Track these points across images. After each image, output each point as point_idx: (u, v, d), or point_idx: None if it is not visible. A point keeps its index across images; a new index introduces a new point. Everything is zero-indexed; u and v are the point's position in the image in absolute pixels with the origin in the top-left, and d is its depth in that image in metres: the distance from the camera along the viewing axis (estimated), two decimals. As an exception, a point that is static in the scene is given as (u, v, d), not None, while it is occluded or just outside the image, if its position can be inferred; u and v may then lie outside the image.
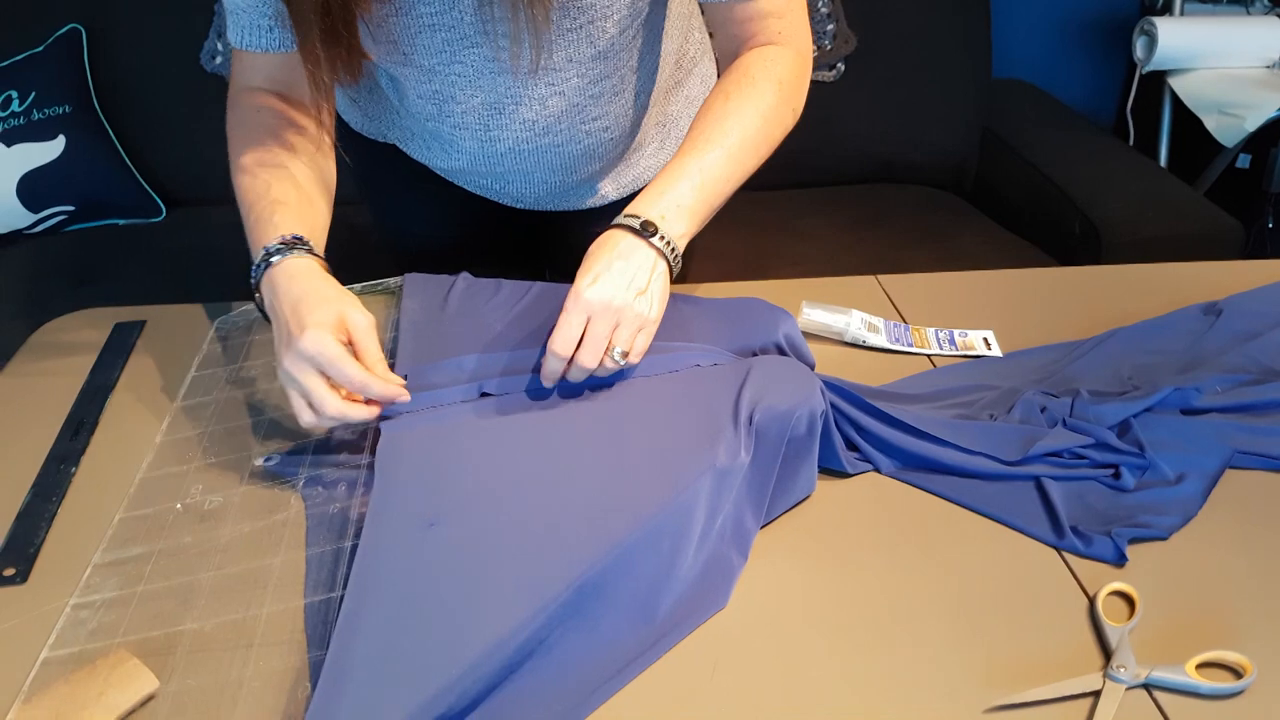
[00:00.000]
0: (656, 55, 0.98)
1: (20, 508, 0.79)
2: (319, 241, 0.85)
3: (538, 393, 0.82)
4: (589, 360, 0.78)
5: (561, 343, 0.77)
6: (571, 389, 0.82)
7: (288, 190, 0.86)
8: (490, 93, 0.91)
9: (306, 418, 0.76)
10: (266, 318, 0.82)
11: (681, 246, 0.83)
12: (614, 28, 0.88)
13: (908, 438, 0.83)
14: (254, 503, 0.79)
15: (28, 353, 1.00)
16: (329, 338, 0.75)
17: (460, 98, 0.92)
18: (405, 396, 0.78)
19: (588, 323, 0.78)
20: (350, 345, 0.77)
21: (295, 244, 0.81)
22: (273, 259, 0.80)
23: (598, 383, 0.83)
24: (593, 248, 0.81)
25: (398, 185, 1.09)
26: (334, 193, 0.93)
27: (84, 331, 1.02)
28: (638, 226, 0.81)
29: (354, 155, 0.90)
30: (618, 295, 0.78)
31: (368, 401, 0.78)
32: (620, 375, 0.83)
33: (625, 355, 0.79)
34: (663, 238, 0.81)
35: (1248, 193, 2.10)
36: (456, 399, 0.82)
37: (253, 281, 0.82)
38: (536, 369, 0.82)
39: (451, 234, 1.11)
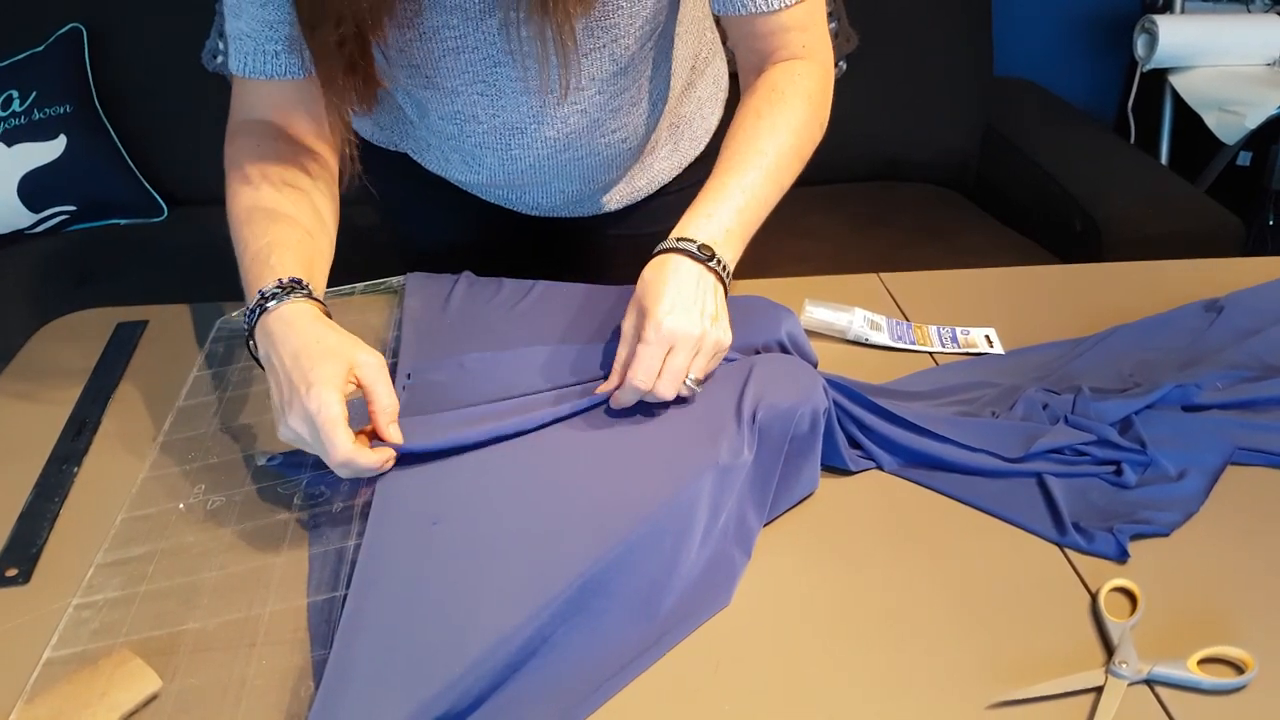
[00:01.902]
0: (673, 63, 0.98)
1: (22, 508, 0.79)
2: (318, 283, 0.81)
3: (540, 391, 0.82)
4: (668, 392, 0.76)
5: (644, 375, 0.75)
6: (575, 388, 0.82)
7: (285, 230, 0.82)
8: (513, 113, 0.91)
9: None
10: (261, 365, 0.78)
11: (732, 270, 0.82)
12: (635, 44, 0.88)
13: (910, 435, 0.83)
14: (257, 502, 0.79)
15: (30, 353, 1.00)
16: (334, 398, 0.70)
17: (483, 117, 0.91)
18: (389, 464, 0.74)
19: (667, 351, 0.76)
20: (360, 389, 0.74)
21: (293, 287, 0.77)
22: (269, 304, 0.76)
23: (603, 380, 0.83)
24: (653, 274, 0.79)
25: (411, 193, 1.09)
26: (336, 231, 0.89)
27: (86, 332, 1.02)
28: (695, 250, 0.79)
29: (365, 164, 0.90)
30: (696, 324, 0.76)
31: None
32: None
33: (697, 384, 0.78)
34: (719, 262, 0.80)
35: (1248, 190, 2.10)
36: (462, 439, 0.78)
37: (245, 327, 0.78)
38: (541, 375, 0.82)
39: (465, 239, 1.11)
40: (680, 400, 0.79)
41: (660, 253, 0.81)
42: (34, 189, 1.78)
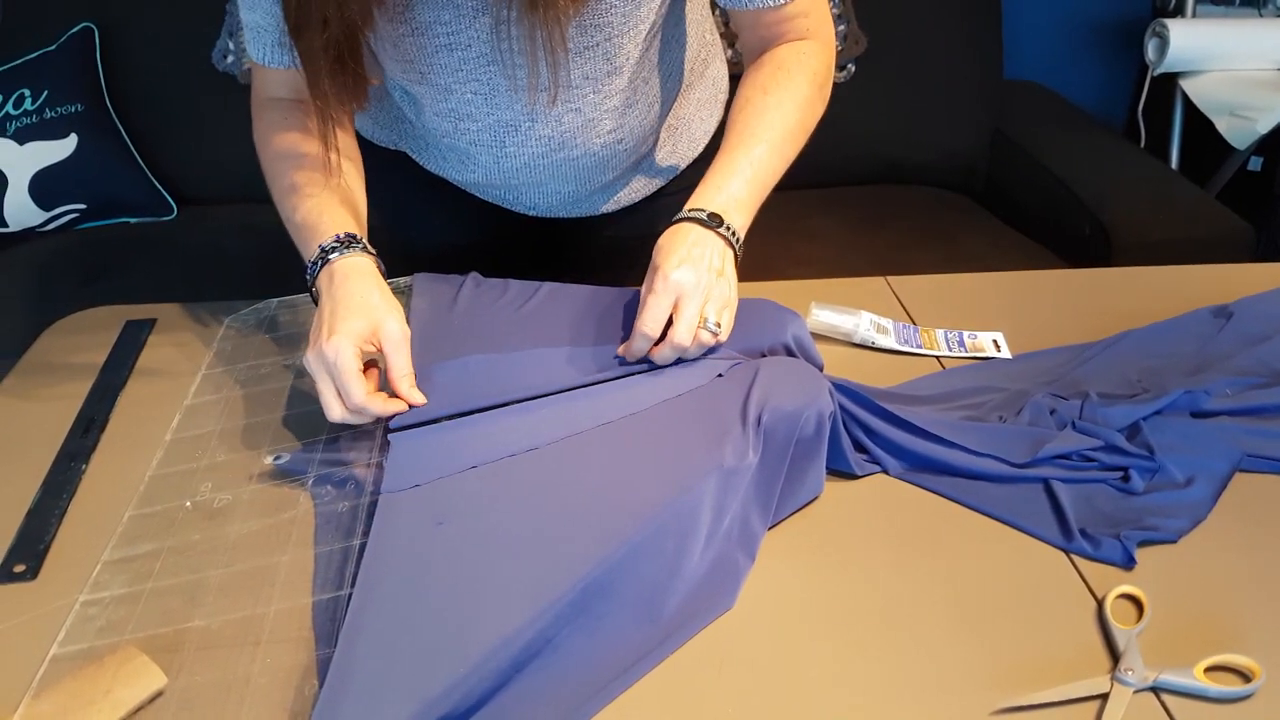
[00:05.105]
0: (670, 64, 0.98)
1: (30, 505, 0.79)
2: (365, 235, 0.88)
3: (544, 395, 0.82)
4: (685, 337, 0.81)
5: (651, 323, 0.81)
6: (582, 386, 0.82)
7: (329, 191, 0.88)
8: (507, 110, 0.91)
9: (329, 414, 0.79)
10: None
11: (742, 237, 0.87)
12: (630, 44, 0.89)
13: (916, 439, 0.83)
14: (263, 500, 0.79)
15: (39, 350, 1.00)
16: (349, 349, 0.77)
17: (477, 115, 0.92)
18: (399, 411, 0.80)
19: (676, 303, 0.81)
20: (380, 354, 0.81)
21: (350, 242, 0.85)
22: (330, 256, 0.84)
23: (606, 382, 0.83)
24: (664, 240, 0.84)
25: (409, 193, 1.09)
26: (365, 186, 0.94)
27: (95, 329, 1.02)
28: (705, 218, 0.85)
29: (364, 163, 0.90)
30: (703, 276, 0.82)
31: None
32: (655, 368, 0.84)
33: (718, 326, 0.82)
34: (728, 228, 0.85)
35: (1259, 195, 2.09)
36: (469, 406, 0.82)
37: (308, 277, 0.85)
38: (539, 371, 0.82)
39: (463, 240, 1.11)
40: (694, 378, 0.82)
41: (674, 223, 0.86)
42: (45, 187, 1.79)
